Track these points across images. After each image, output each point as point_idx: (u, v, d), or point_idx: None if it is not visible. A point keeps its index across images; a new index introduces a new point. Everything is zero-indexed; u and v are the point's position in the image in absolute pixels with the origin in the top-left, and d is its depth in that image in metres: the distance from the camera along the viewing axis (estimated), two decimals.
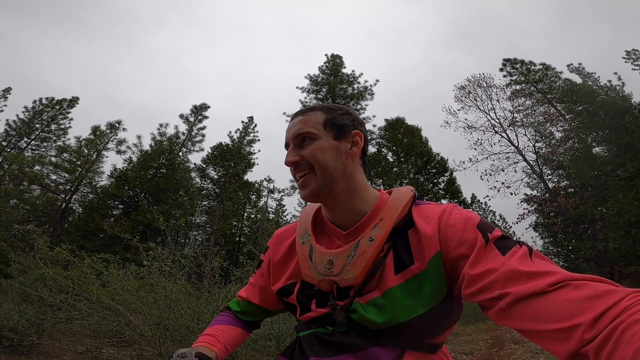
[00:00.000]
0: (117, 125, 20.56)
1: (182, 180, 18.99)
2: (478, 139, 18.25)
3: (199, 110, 21.43)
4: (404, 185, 0.81)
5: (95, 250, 13.04)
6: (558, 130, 17.27)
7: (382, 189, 0.80)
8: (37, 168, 17.93)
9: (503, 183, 16.85)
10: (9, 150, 18.86)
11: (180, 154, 20.33)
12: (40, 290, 3.81)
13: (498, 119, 18.33)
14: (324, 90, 18.34)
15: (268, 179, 26.80)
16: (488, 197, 17.20)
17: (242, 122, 21.14)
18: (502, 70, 19.26)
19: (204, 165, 19.70)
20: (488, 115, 18.54)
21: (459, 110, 19.58)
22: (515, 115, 18.04)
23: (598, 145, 15.49)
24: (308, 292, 0.73)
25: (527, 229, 17.50)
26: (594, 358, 0.40)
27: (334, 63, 19.34)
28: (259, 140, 21.58)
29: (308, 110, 0.78)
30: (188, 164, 20.32)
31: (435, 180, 19.63)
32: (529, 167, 17.09)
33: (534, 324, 0.47)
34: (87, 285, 3.42)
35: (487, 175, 17.10)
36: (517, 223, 17.81)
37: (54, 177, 18.41)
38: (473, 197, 23.05)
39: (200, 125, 21.27)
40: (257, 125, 21.04)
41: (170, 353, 1.84)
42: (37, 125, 19.90)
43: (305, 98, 18.51)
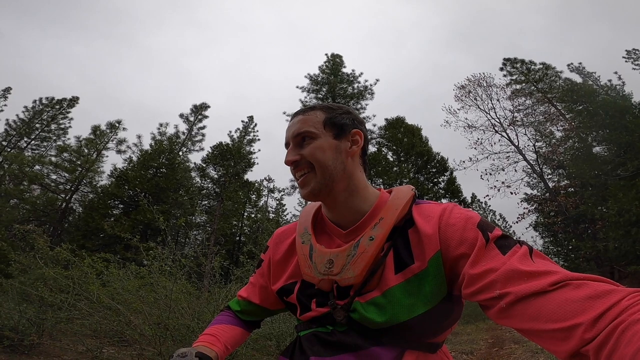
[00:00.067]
0: (117, 125, 20.57)
1: (182, 180, 19.00)
2: (478, 139, 18.37)
3: (199, 110, 21.45)
4: (404, 185, 0.81)
5: (96, 250, 13.04)
6: (558, 130, 17.29)
7: (382, 188, 0.80)
8: (37, 168, 17.94)
9: (503, 182, 16.84)
10: (9, 150, 18.86)
11: (181, 154, 20.35)
12: (41, 290, 3.80)
13: (498, 119, 18.33)
14: (324, 90, 18.34)
15: (268, 179, 26.85)
16: (488, 196, 17.25)
17: (242, 121, 21.20)
18: (502, 70, 19.26)
19: (204, 165, 19.74)
20: (488, 115, 18.54)
21: (459, 110, 19.58)
22: (516, 115, 18.03)
23: (598, 145, 15.50)
24: (308, 291, 0.73)
25: (527, 229, 17.54)
26: (594, 358, 0.40)
27: (334, 62, 19.34)
28: (259, 140, 21.64)
29: (308, 110, 0.78)
30: (188, 164, 20.36)
31: (436, 180, 19.64)
32: (529, 166, 17.08)
33: (535, 324, 0.47)
34: (87, 285, 3.42)
35: (487, 175, 17.10)
36: (517, 222, 17.80)
37: (54, 176, 18.46)
38: (473, 196, 23.08)
39: (200, 125, 21.33)
40: (257, 125, 21.13)
41: (171, 352, 1.84)
42: (37, 125, 19.91)
43: (305, 97, 18.53)
